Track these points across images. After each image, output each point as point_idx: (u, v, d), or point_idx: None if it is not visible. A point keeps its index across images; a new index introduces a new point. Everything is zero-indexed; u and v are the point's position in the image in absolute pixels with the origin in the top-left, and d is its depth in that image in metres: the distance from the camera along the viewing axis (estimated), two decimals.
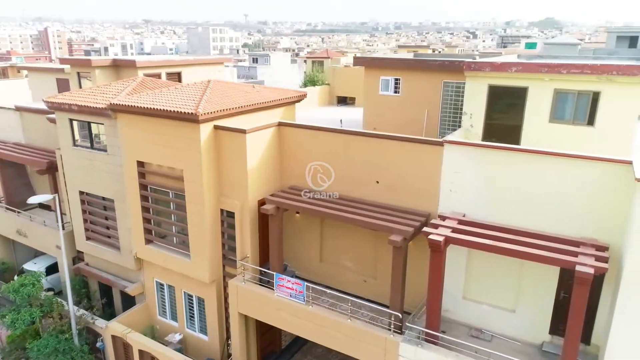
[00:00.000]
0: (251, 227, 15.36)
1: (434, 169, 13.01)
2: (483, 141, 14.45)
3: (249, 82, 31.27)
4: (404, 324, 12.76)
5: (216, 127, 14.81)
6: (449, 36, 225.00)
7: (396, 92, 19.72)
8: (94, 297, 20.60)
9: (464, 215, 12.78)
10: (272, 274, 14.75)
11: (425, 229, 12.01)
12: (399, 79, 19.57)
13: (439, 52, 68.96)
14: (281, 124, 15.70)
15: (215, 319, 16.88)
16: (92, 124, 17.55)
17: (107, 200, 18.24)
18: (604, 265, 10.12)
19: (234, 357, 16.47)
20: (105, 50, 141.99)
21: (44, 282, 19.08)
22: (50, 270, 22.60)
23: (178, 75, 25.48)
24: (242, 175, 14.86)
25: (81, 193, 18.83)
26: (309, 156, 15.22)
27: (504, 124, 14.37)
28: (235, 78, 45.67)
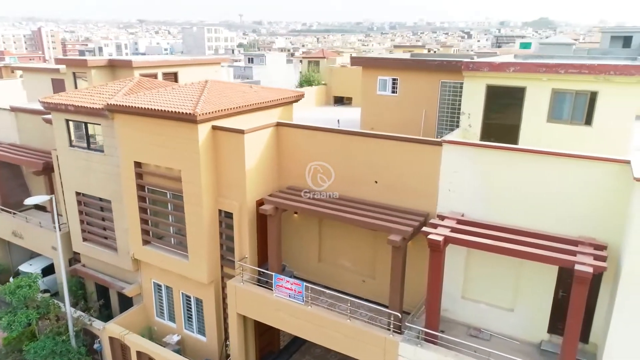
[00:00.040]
0: (249, 227, 15.32)
1: (432, 168, 13.03)
2: (481, 141, 14.48)
3: (244, 82, 31.21)
4: (403, 323, 12.77)
5: (214, 128, 14.76)
6: (443, 36, 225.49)
7: (394, 92, 19.72)
8: (90, 299, 20.48)
9: (462, 215, 12.81)
10: (271, 274, 14.72)
11: (425, 229, 12.02)
12: (396, 79, 19.56)
13: (434, 52, 69.11)
14: (279, 124, 15.68)
15: (214, 319, 16.83)
16: (88, 124, 17.47)
17: (104, 201, 18.15)
18: (602, 265, 10.17)
19: (232, 358, 16.43)
20: (100, 50, 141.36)
21: (40, 284, 18.98)
22: (46, 271, 22.47)
23: (174, 75, 25.39)
24: (240, 176, 14.83)
25: (78, 194, 18.73)
26: (307, 156, 15.19)
27: (502, 123, 14.42)
28: (231, 78, 45.58)
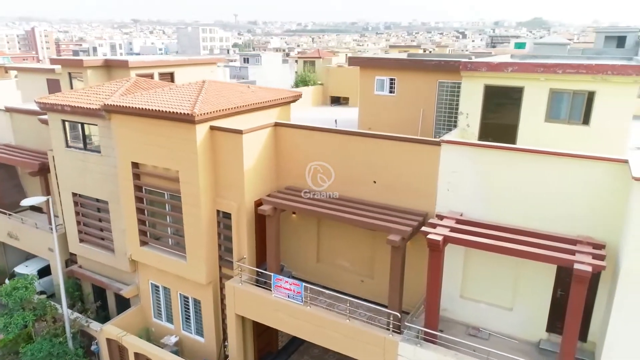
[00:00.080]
0: (248, 228, 15.28)
1: (431, 168, 13.06)
2: (479, 141, 14.51)
3: (240, 83, 31.13)
4: (402, 323, 12.78)
5: (212, 128, 14.71)
6: (438, 36, 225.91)
7: (391, 92, 19.72)
8: (87, 300, 20.38)
9: (461, 215, 12.83)
10: (270, 274, 14.69)
11: (424, 229, 12.03)
12: (394, 79, 19.57)
13: (430, 52, 69.26)
14: (277, 124, 15.65)
15: (212, 320, 16.77)
16: (85, 125, 17.36)
17: (100, 201, 18.04)
18: (601, 263, 10.22)
19: (230, 359, 16.38)
20: (94, 50, 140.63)
21: (36, 285, 18.85)
22: (42, 273, 22.34)
23: (171, 75, 25.33)
24: (239, 176, 14.79)
25: (74, 195, 18.62)
26: (305, 156, 15.18)
27: (500, 123, 14.45)
28: (227, 78, 45.43)
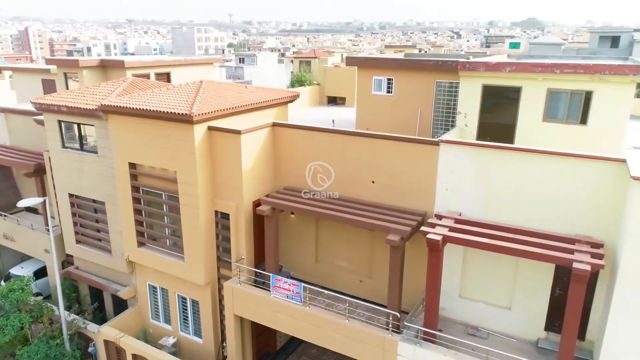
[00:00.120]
0: (246, 228, 15.25)
1: (430, 168, 13.07)
2: (477, 140, 14.55)
3: (236, 82, 31.05)
4: (401, 323, 12.79)
5: (210, 128, 14.67)
6: (433, 36, 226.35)
7: (389, 92, 19.75)
8: (84, 302, 20.27)
9: (460, 214, 12.86)
10: (268, 275, 14.67)
11: (423, 228, 12.04)
12: (391, 79, 19.59)
13: (425, 51, 69.42)
14: (275, 125, 15.62)
15: (210, 321, 16.72)
16: (81, 125, 17.27)
17: (97, 202, 17.95)
18: (600, 262, 10.26)
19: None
20: (88, 50, 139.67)
21: (32, 287, 18.73)
22: (38, 274, 22.18)
23: (167, 75, 25.20)
24: (237, 177, 14.75)
25: (71, 196, 18.51)
26: (304, 156, 15.16)
27: (498, 123, 14.51)
28: (224, 78, 45.35)
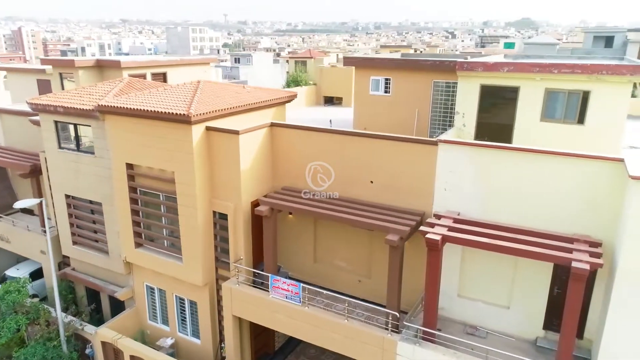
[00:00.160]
0: (244, 228, 15.22)
1: (428, 168, 13.10)
2: (475, 140, 14.59)
3: (232, 82, 30.98)
4: (400, 322, 12.80)
5: (208, 129, 14.63)
6: (428, 36, 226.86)
7: (386, 92, 19.77)
8: (81, 303, 20.15)
9: (458, 214, 12.89)
10: (266, 275, 14.65)
11: (422, 228, 12.05)
12: (389, 79, 19.61)
13: (421, 51, 69.59)
14: (274, 125, 15.60)
15: (208, 322, 16.67)
16: (78, 126, 17.17)
17: (94, 203, 17.85)
18: (598, 261, 10.31)
19: None
20: (82, 50, 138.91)
21: (28, 289, 18.61)
22: (34, 276, 22.00)
23: (163, 75, 25.15)
24: (235, 177, 14.72)
25: (67, 197, 18.40)
26: (302, 157, 15.14)
27: (495, 123, 14.56)
28: (220, 78, 45.24)
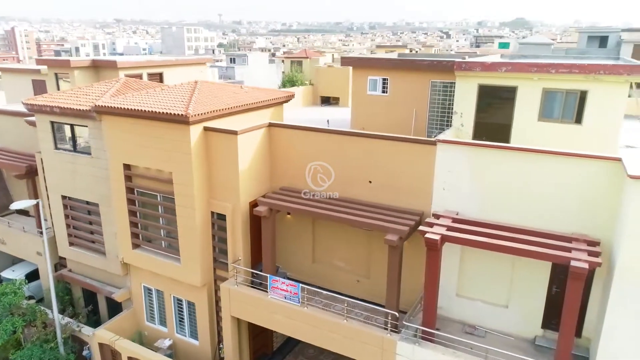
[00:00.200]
0: (243, 229, 15.19)
1: (427, 168, 13.12)
2: (474, 140, 14.63)
3: (228, 82, 30.92)
4: (400, 322, 12.82)
5: (206, 129, 14.58)
6: (423, 36, 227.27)
7: (384, 92, 19.78)
8: (78, 305, 20.04)
9: (457, 214, 12.91)
10: (265, 276, 14.62)
11: (421, 228, 12.08)
12: (386, 79, 19.62)
13: (417, 51, 69.71)
14: (272, 125, 15.57)
15: (207, 323, 16.62)
16: (74, 126, 17.07)
17: (91, 204, 17.76)
18: (597, 260, 10.36)
19: None
20: (76, 50, 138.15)
21: (24, 290, 18.49)
22: (30, 277, 21.84)
23: (160, 75, 25.07)
24: (233, 177, 14.68)
25: (63, 197, 18.29)
26: (300, 157, 15.12)
27: (493, 122, 14.61)
28: (216, 78, 45.13)
